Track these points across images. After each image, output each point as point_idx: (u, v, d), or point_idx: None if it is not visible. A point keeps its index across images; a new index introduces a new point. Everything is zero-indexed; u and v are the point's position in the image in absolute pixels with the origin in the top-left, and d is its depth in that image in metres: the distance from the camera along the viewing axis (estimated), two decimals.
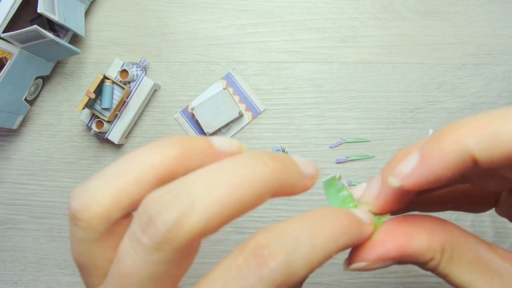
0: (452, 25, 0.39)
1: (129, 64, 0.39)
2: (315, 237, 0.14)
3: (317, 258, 0.14)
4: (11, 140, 0.40)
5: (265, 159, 0.14)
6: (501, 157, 0.14)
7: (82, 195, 0.14)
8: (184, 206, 0.12)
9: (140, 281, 0.13)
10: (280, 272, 0.13)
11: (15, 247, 0.40)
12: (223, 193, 0.13)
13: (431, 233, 0.17)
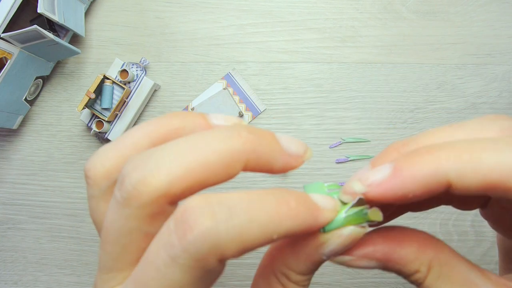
0: (452, 25, 0.39)
1: (129, 64, 0.39)
2: (253, 211, 0.13)
3: (252, 236, 0.13)
4: (11, 140, 0.40)
5: (240, 131, 0.15)
6: (476, 185, 0.14)
7: (92, 157, 0.16)
8: (151, 167, 0.14)
9: (115, 234, 0.14)
10: (204, 241, 0.13)
11: (15, 247, 0.40)
12: (188, 157, 0.14)
13: (421, 245, 0.17)
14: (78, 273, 0.39)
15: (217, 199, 0.14)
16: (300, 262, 0.17)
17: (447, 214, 0.38)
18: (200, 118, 0.16)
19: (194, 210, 0.13)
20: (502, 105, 0.38)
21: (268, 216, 0.14)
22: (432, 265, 0.16)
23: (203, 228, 0.13)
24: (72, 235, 0.39)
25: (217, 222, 0.13)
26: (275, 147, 0.16)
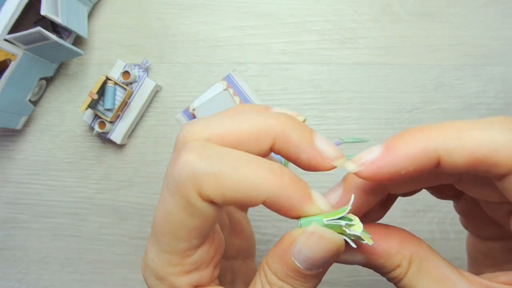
0: (450, 26, 0.39)
1: (131, 65, 0.40)
2: (241, 164, 0.15)
3: (231, 184, 0.15)
4: (15, 140, 0.41)
5: (279, 115, 0.17)
6: (464, 161, 0.15)
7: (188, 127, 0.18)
8: (200, 126, 0.17)
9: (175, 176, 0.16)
10: (183, 170, 0.15)
11: (18, 246, 0.40)
12: (228, 123, 0.17)
13: (402, 240, 0.17)
14: (81, 271, 0.40)
15: (217, 148, 0.16)
16: (275, 260, 0.17)
17: (444, 213, 0.38)
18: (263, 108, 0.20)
19: (189, 145, 0.16)
20: (499, 106, 0.39)
21: (253, 173, 0.15)
22: (413, 259, 0.17)
23: (186, 158, 0.15)
24: (75, 234, 0.40)
25: (201, 159, 0.15)
26: (305, 137, 0.17)
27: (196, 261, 0.18)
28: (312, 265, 0.16)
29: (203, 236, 0.17)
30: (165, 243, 0.17)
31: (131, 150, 0.40)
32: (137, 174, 0.40)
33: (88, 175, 0.40)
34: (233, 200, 0.15)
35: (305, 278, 0.17)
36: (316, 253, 0.16)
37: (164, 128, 0.40)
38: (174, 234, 0.17)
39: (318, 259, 0.16)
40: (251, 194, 0.15)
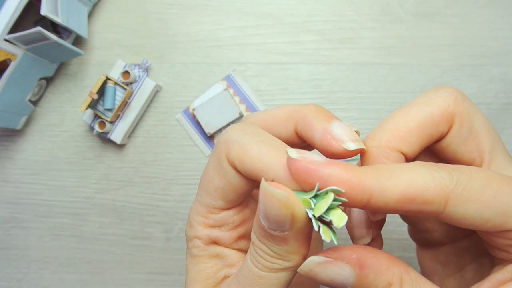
0: (449, 27, 0.40)
1: (131, 65, 0.40)
2: (263, 144, 0.19)
3: (250, 156, 0.18)
4: (15, 140, 0.41)
5: (310, 105, 0.21)
6: (395, 199, 0.16)
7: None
8: (252, 114, 0.22)
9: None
10: (222, 141, 0.19)
11: (19, 246, 0.40)
12: (269, 111, 0.21)
13: (392, 261, 0.17)
14: (81, 271, 0.40)
15: (254, 128, 0.20)
16: (255, 220, 0.18)
17: None
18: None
19: (238, 123, 0.20)
20: (498, 106, 0.39)
21: (269, 152, 0.18)
22: (404, 279, 0.17)
23: (229, 129, 0.19)
24: (75, 234, 0.40)
25: (237, 131, 0.19)
26: (322, 119, 0.19)
27: (219, 220, 0.21)
28: (270, 223, 0.17)
29: (227, 200, 0.20)
30: (199, 194, 0.21)
31: (131, 150, 0.40)
32: (137, 174, 0.40)
33: (88, 175, 0.40)
34: (249, 169, 0.18)
35: (273, 239, 0.17)
36: (267, 208, 0.16)
37: (164, 128, 0.40)
38: (205, 188, 0.21)
39: (271, 215, 0.16)
40: (263, 168, 0.18)
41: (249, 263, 0.18)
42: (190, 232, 0.22)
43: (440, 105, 0.19)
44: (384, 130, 0.20)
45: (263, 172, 0.17)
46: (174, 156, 0.40)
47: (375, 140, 0.20)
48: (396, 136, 0.19)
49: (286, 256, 0.18)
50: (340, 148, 0.18)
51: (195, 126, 0.40)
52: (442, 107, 0.19)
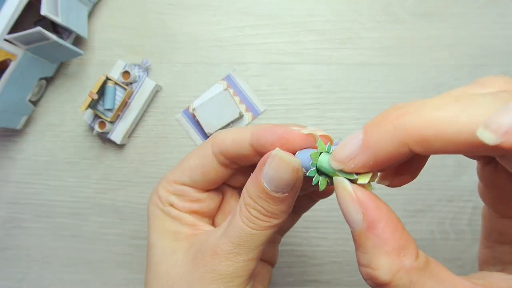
0: (449, 27, 0.40)
1: (131, 65, 0.40)
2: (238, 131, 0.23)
3: (233, 143, 0.22)
4: (15, 140, 0.41)
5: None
6: (436, 148, 0.14)
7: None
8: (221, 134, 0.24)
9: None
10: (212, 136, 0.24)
11: (19, 246, 0.40)
12: (231, 135, 0.23)
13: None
14: (81, 271, 0.40)
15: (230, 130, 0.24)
16: (250, 182, 0.20)
17: (444, 213, 0.38)
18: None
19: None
20: None
21: (241, 131, 0.23)
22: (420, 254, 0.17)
23: (214, 134, 0.24)
24: (76, 234, 0.40)
25: (219, 131, 0.24)
26: (279, 125, 0.22)
27: (178, 190, 0.25)
28: (276, 186, 0.19)
29: (193, 180, 0.24)
30: (172, 169, 0.25)
31: (131, 150, 0.40)
32: (137, 174, 0.40)
33: (88, 175, 0.40)
34: (229, 144, 0.22)
35: (273, 200, 0.20)
36: (277, 173, 0.19)
37: (164, 128, 0.40)
38: (180, 165, 0.25)
39: (279, 180, 0.19)
40: (240, 141, 0.22)
41: (240, 223, 0.21)
42: (152, 196, 0.26)
43: None
44: None
45: (240, 137, 0.22)
46: (174, 156, 0.40)
47: None
48: None
49: (278, 214, 0.21)
50: (299, 132, 0.20)
51: (195, 126, 0.40)
52: None
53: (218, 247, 0.21)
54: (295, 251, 0.39)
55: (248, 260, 0.21)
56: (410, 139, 0.15)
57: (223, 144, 0.23)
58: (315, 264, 0.39)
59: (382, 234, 0.16)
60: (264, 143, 0.21)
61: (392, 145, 0.15)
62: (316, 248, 0.39)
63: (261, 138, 0.21)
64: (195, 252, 0.23)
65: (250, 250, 0.21)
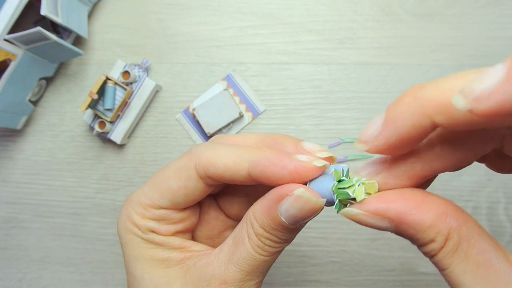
0: (449, 27, 0.40)
1: (131, 65, 0.40)
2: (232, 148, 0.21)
3: (219, 162, 0.20)
4: (15, 140, 0.41)
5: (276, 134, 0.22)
6: (460, 123, 0.13)
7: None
8: (208, 151, 0.22)
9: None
10: (194, 156, 0.22)
11: (19, 246, 0.40)
12: (236, 134, 0.23)
13: (442, 213, 0.15)
14: (81, 271, 0.40)
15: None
16: (262, 214, 0.20)
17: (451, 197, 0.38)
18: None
19: (200, 144, 0.23)
20: None
21: (239, 150, 0.21)
22: (451, 236, 0.15)
23: (196, 147, 0.22)
24: (75, 234, 0.40)
25: (201, 146, 0.22)
26: (289, 139, 0.22)
27: (158, 215, 0.22)
28: (296, 222, 0.19)
29: (174, 202, 0.22)
30: (148, 187, 0.22)
31: (131, 150, 0.40)
32: (137, 174, 0.40)
33: (88, 175, 0.40)
34: (220, 168, 0.20)
35: (288, 230, 0.20)
36: (301, 213, 0.19)
37: (164, 128, 0.40)
38: (157, 185, 0.22)
39: (302, 217, 0.19)
40: (233, 164, 0.20)
41: (251, 252, 0.20)
42: (124, 223, 0.22)
43: None
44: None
45: (235, 165, 0.20)
46: (174, 156, 0.40)
47: None
48: None
49: (290, 240, 0.21)
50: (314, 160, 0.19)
51: (195, 126, 0.40)
52: None
53: (228, 276, 0.20)
54: (294, 251, 0.39)
55: (258, 282, 0.21)
56: (431, 108, 0.14)
57: (212, 168, 0.20)
58: (315, 264, 0.39)
59: (412, 222, 0.16)
60: (270, 177, 0.19)
61: (414, 117, 0.14)
62: (316, 248, 0.39)
63: (266, 172, 0.19)
64: (196, 281, 0.21)
65: (260, 274, 0.21)
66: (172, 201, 0.22)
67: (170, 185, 0.22)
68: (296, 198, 0.18)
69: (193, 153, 0.21)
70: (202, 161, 0.21)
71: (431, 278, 0.38)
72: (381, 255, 0.38)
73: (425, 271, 0.38)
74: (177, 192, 0.22)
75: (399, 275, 0.38)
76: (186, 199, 0.22)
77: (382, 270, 0.38)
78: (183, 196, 0.22)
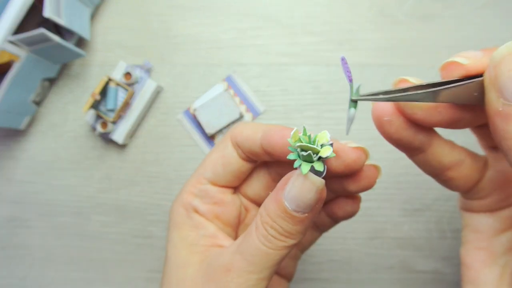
0: (447, 28, 0.40)
1: (132, 66, 0.40)
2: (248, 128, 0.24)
3: (245, 136, 0.24)
4: (19, 140, 0.42)
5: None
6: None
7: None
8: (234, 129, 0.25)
9: None
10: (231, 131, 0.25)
11: (22, 244, 0.41)
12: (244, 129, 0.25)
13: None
14: (84, 269, 0.40)
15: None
16: (270, 200, 0.20)
17: (441, 212, 0.39)
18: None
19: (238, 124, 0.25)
20: None
21: (255, 128, 0.24)
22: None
23: (234, 126, 0.25)
24: (78, 233, 0.41)
25: (238, 124, 0.25)
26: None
27: (202, 190, 0.24)
28: (298, 206, 0.20)
29: (216, 173, 0.24)
30: (196, 170, 0.25)
31: (133, 150, 0.41)
32: (139, 174, 0.41)
33: (91, 175, 0.41)
34: (245, 136, 0.23)
35: (292, 219, 0.20)
36: (301, 192, 0.19)
37: (165, 129, 0.41)
38: (202, 163, 0.25)
39: (302, 199, 0.19)
40: (253, 134, 0.23)
41: (256, 241, 0.21)
42: (175, 203, 0.25)
43: None
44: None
45: (253, 135, 0.23)
46: (175, 155, 0.40)
47: None
48: None
49: (295, 235, 0.21)
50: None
51: (196, 127, 0.41)
52: None
53: (231, 264, 0.21)
54: None
55: (260, 279, 0.21)
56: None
57: (239, 136, 0.24)
58: (314, 262, 0.39)
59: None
60: (273, 145, 0.21)
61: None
62: (315, 247, 0.39)
63: (271, 140, 0.22)
64: (206, 267, 0.22)
65: (263, 269, 0.21)
66: (213, 171, 0.25)
67: (212, 156, 0.25)
68: (296, 176, 0.20)
69: (232, 128, 0.25)
70: (235, 131, 0.24)
71: (429, 276, 0.39)
72: (380, 253, 0.39)
73: (423, 269, 0.39)
74: (217, 161, 0.24)
75: (397, 273, 0.39)
76: (225, 169, 0.24)
77: (381, 268, 0.39)
78: (222, 165, 0.24)
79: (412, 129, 0.20)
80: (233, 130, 0.24)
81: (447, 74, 0.19)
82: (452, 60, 0.18)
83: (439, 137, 0.21)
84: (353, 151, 0.21)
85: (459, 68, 0.18)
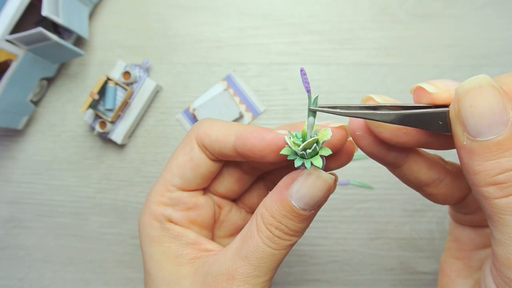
0: (447, 27, 0.40)
1: (131, 66, 0.40)
2: (221, 125, 0.24)
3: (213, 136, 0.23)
4: (17, 140, 0.41)
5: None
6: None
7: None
8: (202, 127, 0.24)
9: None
10: (194, 128, 0.24)
11: (21, 245, 0.41)
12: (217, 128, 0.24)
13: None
14: (82, 270, 0.40)
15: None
16: (273, 201, 0.20)
17: (443, 213, 0.39)
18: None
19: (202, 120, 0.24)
20: None
21: (227, 125, 0.23)
22: None
23: (197, 123, 0.24)
24: (76, 233, 0.40)
25: (201, 120, 0.24)
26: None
27: (173, 198, 0.23)
28: (307, 204, 0.19)
29: (185, 178, 0.23)
30: (161, 175, 0.24)
31: (131, 150, 0.40)
32: (137, 174, 0.40)
33: (89, 175, 0.40)
34: (214, 138, 0.22)
35: (299, 218, 0.20)
36: (312, 191, 0.19)
37: (164, 128, 0.40)
38: (168, 167, 0.23)
39: (313, 197, 0.19)
40: (224, 136, 0.22)
41: (260, 244, 0.20)
42: (144, 217, 0.24)
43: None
44: None
45: (224, 138, 0.22)
46: None
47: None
48: None
49: (300, 232, 0.20)
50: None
51: None
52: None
53: (235, 271, 0.20)
54: (295, 250, 0.39)
55: (266, 281, 0.21)
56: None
57: (206, 139, 0.23)
58: (315, 264, 0.39)
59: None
60: (251, 149, 0.21)
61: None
62: (316, 248, 0.39)
63: (247, 143, 0.21)
64: (203, 277, 0.21)
65: (268, 271, 0.21)
66: (181, 176, 0.23)
67: (178, 160, 0.23)
68: (306, 176, 0.19)
69: (194, 127, 0.23)
70: (200, 133, 0.23)
71: (429, 277, 0.38)
72: (381, 254, 0.39)
73: (423, 270, 0.38)
74: (184, 166, 0.23)
75: (398, 274, 0.39)
76: (195, 173, 0.23)
77: (382, 269, 0.39)
78: (191, 169, 0.23)
79: (383, 146, 0.20)
80: (197, 130, 0.23)
81: (416, 98, 0.19)
82: (420, 86, 0.18)
83: (417, 154, 0.21)
84: (337, 131, 0.21)
85: (426, 95, 0.18)
